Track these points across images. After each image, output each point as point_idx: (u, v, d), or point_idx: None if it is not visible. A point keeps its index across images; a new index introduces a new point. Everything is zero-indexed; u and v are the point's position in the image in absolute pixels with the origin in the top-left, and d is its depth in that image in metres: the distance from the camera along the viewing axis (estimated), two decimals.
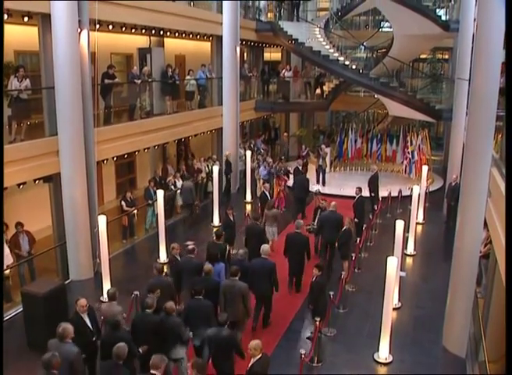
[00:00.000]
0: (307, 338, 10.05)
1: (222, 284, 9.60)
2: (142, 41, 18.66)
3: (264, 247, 10.67)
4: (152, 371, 6.82)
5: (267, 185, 17.04)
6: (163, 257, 14.04)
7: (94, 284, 12.80)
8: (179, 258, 10.87)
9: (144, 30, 17.10)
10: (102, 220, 11.98)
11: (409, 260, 14.64)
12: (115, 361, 7.11)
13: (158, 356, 6.97)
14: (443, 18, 22.63)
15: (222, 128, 20.86)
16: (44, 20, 12.11)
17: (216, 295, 9.35)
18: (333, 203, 13.82)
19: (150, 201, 16.35)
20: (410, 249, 14.93)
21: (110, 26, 14.75)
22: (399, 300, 11.79)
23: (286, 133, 26.56)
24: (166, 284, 9.63)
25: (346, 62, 22.24)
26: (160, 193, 14.30)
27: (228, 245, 12.13)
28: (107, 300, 9.54)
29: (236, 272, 9.52)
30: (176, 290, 10.14)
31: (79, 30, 12.31)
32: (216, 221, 16.98)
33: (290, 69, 24.66)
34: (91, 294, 11.83)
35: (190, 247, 10.80)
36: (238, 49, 20.53)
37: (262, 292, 10.40)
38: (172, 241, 12.37)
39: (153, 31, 17.64)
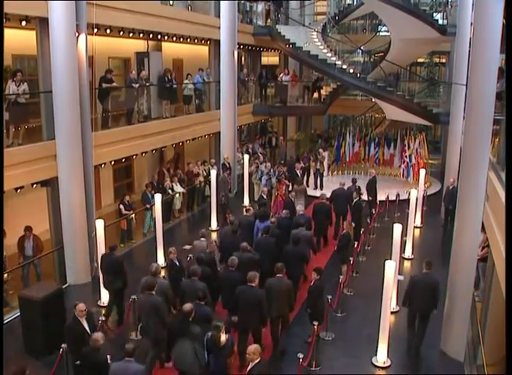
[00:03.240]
0: (306, 342, 9.97)
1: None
2: (140, 45, 18.68)
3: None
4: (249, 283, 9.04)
5: (265, 189, 16.93)
6: (161, 261, 13.93)
7: (91, 289, 12.74)
8: (177, 263, 10.80)
9: (141, 35, 17.12)
10: (100, 224, 11.94)
11: (407, 264, 14.55)
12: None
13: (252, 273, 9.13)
14: (440, 22, 22.55)
15: (219, 132, 20.84)
16: (41, 24, 12.14)
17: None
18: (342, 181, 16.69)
19: (148, 206, 16.32)
20: (408, 253, 14.86)
21: (108, 31, 14.74)
22: (397, 304, 11.73)
23: (281, 137, 26.56)
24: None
25: (344, 66, 22.25)
26: (158, 197, 14.28)
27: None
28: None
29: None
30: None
31: (76, 34, 12.33)
32: (214, 225, 16.89)
33: (288, 73, 24.60)
34: (89, 298, 11.78)
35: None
36: (236, 53, 20.54)
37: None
38: (171, 244, 12.35)
39: (151, 35, 17.59)
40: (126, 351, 7.23)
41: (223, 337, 7.94)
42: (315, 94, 25.13)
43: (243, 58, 26.76)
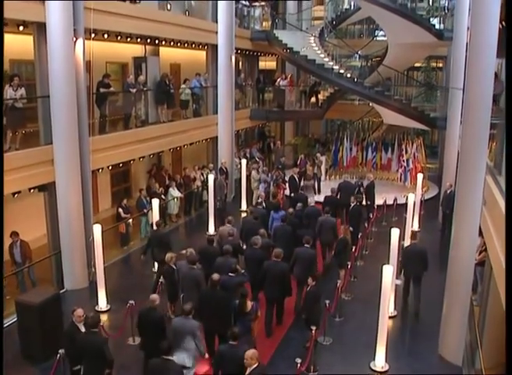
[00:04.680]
0: (304, 347, 9.89)
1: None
2: (137, 49, 18.63)
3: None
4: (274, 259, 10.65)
5: (262, 194, 16.83)
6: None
7: (88, 294, 12.76)
8: (174, 268, 10.81)
9: (139, 39, 17.13)
10: (97, 229, 11.94)
11: None
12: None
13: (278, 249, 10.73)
14: (437, 27, 22.71)
15: (217, 137, 20.89)
16: (39, 29, 12.14)
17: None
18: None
19: (145, 210, 16.29)
20: None
21: (105, 35, 14.74)
22: (395, 308, 11.80)
23: (278, 142, 26.44)
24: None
25: (341, 71, 22.18)
26: (155, 202, 14.30)
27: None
28: None
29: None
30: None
31: (74, 38, 12.35)
32: (212, 230, 16.92)
33: (285, 78, 24.57)
34: (86, 303, 11.75)
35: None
36: (233, 58, 20.58)
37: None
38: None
39: (148, 40, 17.65)
40: (184, 310, 8.47)
41: (249, 304, 9.15)
42: (313, 99, 25.13)
43: (240, 63, 26.68)
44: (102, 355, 7.84)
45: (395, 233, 11.35)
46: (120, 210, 15.95)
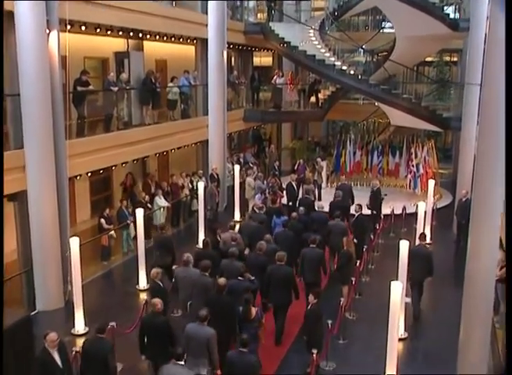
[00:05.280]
0: (305, 374, 9.70)
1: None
2: (119, 44, 18.48)
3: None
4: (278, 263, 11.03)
5: (258, 202, 16.90)
6: (143, 283, 13.88)
7: (64, 315, 12.55)
8: (161, 284, 10.74)
9: (121, 32, 17.09)
10: (74, 243, 11.74)
11: None
12: None
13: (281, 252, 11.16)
14: (451, 16, 22.61)
15: (207, 140, 20.75)
16: (7, 19, 11.90)
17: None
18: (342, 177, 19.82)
19: (128, 221, 16.16)
20: None
21: (83, 27, 14.69)
22: (405, 330, 11.63)
23: (272, 145, 26.53)
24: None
25: (344, 67, 22.09)
26: (139, 212, 14.17)
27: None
28: None
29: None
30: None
31: (47, 31, 12.17)
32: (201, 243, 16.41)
33: (282, 76, 24.59)
34: (61, 326, 11.59)
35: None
36: (225, 53, 20.31)
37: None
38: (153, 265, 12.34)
39: (131, 33, 17.56)
40: (199, 316, 8.67)
41: (253, 311, 9.49)
42: (312, 98, 25.13)
43: (233, 59, 26.58)
44: (105, 363, 8.29)
45: (404, 245, 11.25)
46: (102, 221, 15.78)
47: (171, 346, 8.79)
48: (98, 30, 15.75)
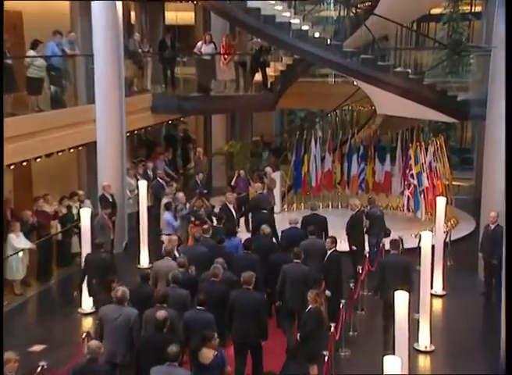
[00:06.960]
0: None
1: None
2: None
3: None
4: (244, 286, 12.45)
5: (174, 238, 15.68)
6: None
7: None
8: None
9: None
10: None
11: (423, 362, 13.71)
12: None
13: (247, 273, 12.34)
14: None
15: (95, 142, 18.97)
16: None
17: None
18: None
19: None
20: (424, 343, 13.80)
21: None
22: None
23: (199, 149, 24.93)
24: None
25: (305, 27, 20.39)
26: None
27: None
28: None
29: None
30: None
31: None
32: (87, 306, 15.85)
33: (212, 41, 22.66)
34: None
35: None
36: (120, 5, 18.40)
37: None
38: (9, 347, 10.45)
39: None
40: (168, 354, 9.09)
41: (210, 353, 9.38)
42: (257, 76, 23.37)
43: (133, 15, 25.56)
44: None
45: (401, 298, 10.91)
46: None
47: None
48: None
